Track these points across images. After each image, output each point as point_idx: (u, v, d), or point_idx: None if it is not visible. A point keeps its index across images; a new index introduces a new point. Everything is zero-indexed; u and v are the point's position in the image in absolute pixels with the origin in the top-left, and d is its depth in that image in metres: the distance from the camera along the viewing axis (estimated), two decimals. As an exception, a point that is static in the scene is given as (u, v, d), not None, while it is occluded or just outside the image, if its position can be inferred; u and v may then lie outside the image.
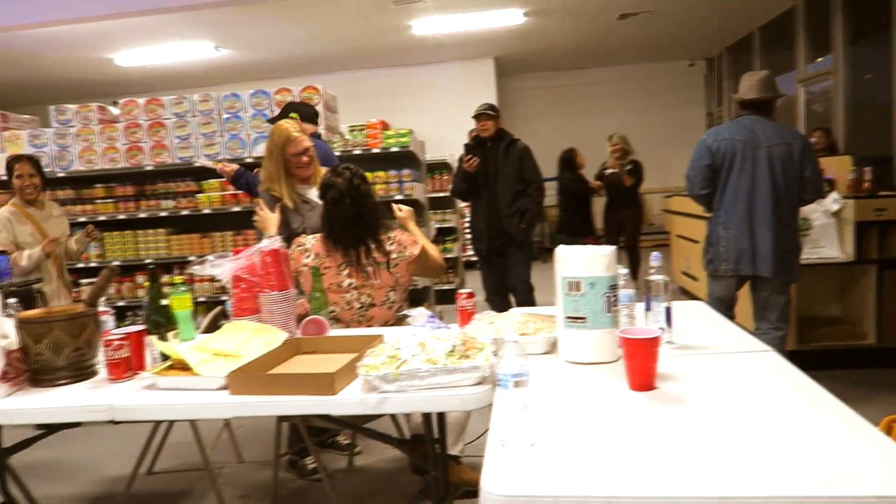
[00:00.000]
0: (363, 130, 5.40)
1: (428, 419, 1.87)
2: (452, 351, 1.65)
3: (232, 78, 9.39)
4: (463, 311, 2.21)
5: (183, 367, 1.84)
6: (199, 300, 5.25)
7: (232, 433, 3.37)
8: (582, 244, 1.79)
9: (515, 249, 4.56)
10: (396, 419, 2.97)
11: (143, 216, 5.41)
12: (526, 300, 4.49)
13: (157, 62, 8.24)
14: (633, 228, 6.68)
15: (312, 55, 8.73)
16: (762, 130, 3.21)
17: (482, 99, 5.00)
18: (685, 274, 5.97)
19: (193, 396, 1.75)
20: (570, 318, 1.70)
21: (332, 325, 2.45)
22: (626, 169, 6.38)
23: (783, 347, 3.29)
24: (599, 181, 6.65)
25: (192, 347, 1.93)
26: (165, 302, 2.15)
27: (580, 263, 1.69)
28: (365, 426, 2.14)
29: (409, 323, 2.16)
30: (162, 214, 5.38)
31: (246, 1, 6.06)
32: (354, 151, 5.30)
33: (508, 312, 2.12)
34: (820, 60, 7.59)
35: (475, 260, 4.97)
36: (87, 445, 3.66)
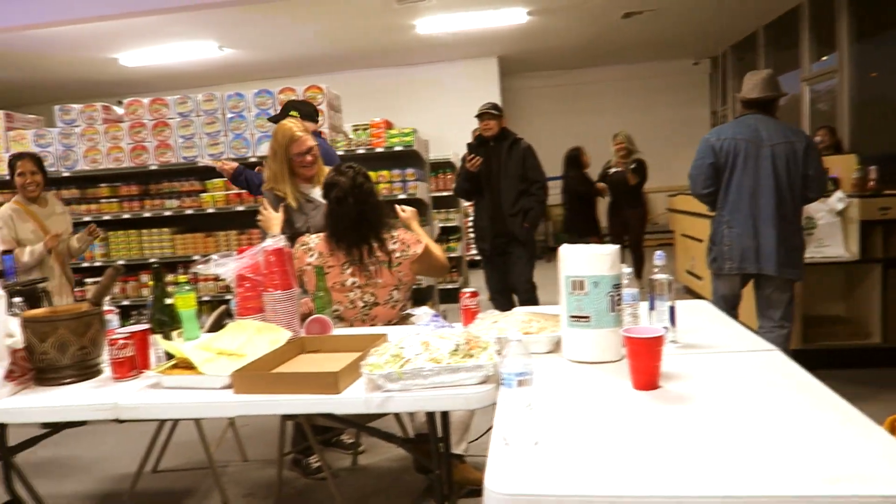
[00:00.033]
0: (367, 130, 5.40)
1: (432, 418, 1.87)
2: (456, 350, 1.65)
3: (236, 78, 9.41)
4: (467, 310, 2.21)
5: (187, 365, 1.84)
6: (203, 299, 5.27)
7: (236, 432, 3.37)
8: (587, 243, 1.79)
9: (518, 248, 4.55)
10: (400, 418, 2.98)
11: (147, 215, 5.43)
12: (528, 299, 4.48)
13: (161, 62, 8.26)
14: (637, 227, 6.66)
15: (316, 55, 8.74)
16: (765, 129, 3.21)
17: (486, 98, 4.99)
18: (689, 273, 5.96)
19: (198, 395, 1.76)
20: (573, 317, 1.70)
21: (335, 323, 2.45)
22: (630, 168, 6.37)
23: (787, 346, 3.29)
24: (603, 182, 6.64)
25: (196, 346, 1.94)
26: (170, 301, 2.15)
27: (584, 262, 1.68)
28: (369, 425, 2.14)
29: (412, 322, 2.16)
30: (166, 214, 5.40)
31: (250, 0, 6.06)
32: (358, 151, 5.30)
33: (512, 311, 2.12)
34: (825, 59, 7.57)
35: (479, 259, 4.97)
36: (91, 444, 3.67)
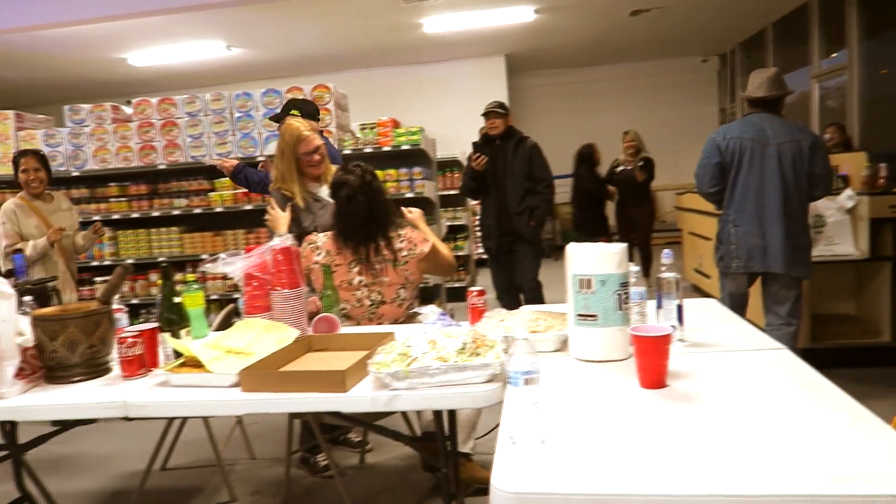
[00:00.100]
0: (374, 128, 5.40)
1: (439, 416, 1.87)
2: (463, 348, 1.65)
3: (244, 77, 9.43)
4: (474, 308, 2.21)
5: (195, 364, 1.85)
6: (211, 298, 5.30)
7: (244, 430, 3.39)
8: (596, 242, 1.79)
9: (524, 246, 4.54)
10: (408, 416, 2.98)
11: (156, 215, 5.45)
12: (534, 298, 4.46)
13: (169, 62, 8.29)
14: (645, 226, 6.65)
15: (323, 54, 8.75)
16: (771, 128, 3.21)
17: (493, 96, 4.98)
18: (697, 271, 5.94)
19: (206, 393, 1.77)
20: (580, 315, 1.70)
21: (342, 322, 2.46)
22: (638, 165, 6.35)
23: (795, 343, 3.28)
24: (611, 179, 6.62)
25: (204, 345, 1.95)
26: (178, 300, 2.16)
27: (591, 260, 1.68)
28: (376, 423, 2.14)
29: (420, 321, 2.17)
30: (175, 213, 5.42)
31: (257, 0, 6.08)
32: (365, 149, 5.30)
33: (519, 310, 2.12)
34: (834, 56, 7.51)
35: (486, 258, 4.97)
36: (101, 442, 3.69)
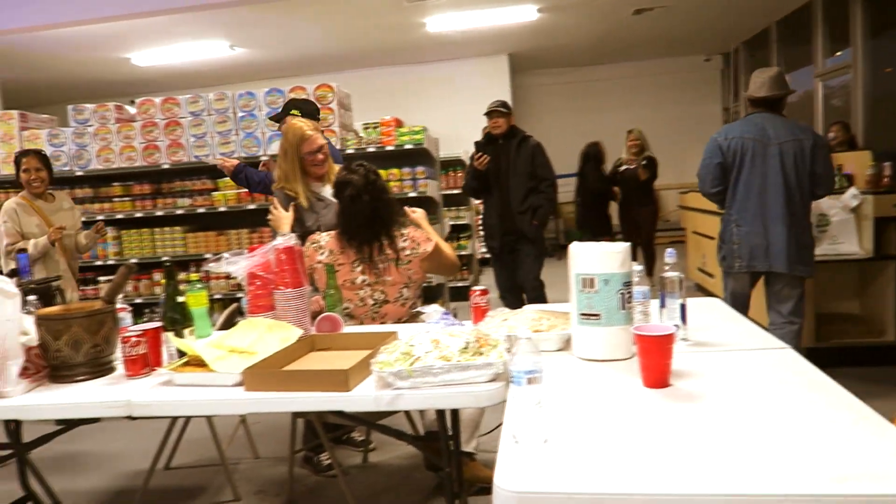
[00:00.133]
0: (377, 128, 5.40)
1: (442, 416, 1.87)
2: (466, 348, 1.65)
3: (247, 76, 9.44)
4: (477, 308, 2.21)
5: (199, 363, 1.85)
6: (214, 297, 5.30)
7: (247, 429, 3.39)
8: (601, 241, 1.79)
9: (527, 245, 4.54)
10: (411, 416, 2.98)
11: (159, 214, 5.46)
12: (536, 297, 4.44)
13: (173, 61, 8.31)
14: (648, 225, 6.63)
15: (327, 53, 8.75)
16: (772, 128, 3.22)
17: (496, 96, 4.98)
18: (701, 270, 5.93)
19: (209, 393, 1.77)
20: (584, 314, 1.70)
21: (346, 321, 2.46)
22: (641, 164, 6.34)
23: (798, 342, 3.28)
24: (614, 178, 6.60)
25: (208, 344, 1.95)
26: (182, 299, 2.16)
27: (594, 260, 1.68)
28: (379, 423, 2.15)
29: (423, 320, 2.16)
30: (178, 212, 5.43)
31: (260, 0, 6.09)
32: (369, 149, 5.30)
33: (522, 309, 2.11)
34: (839, 54, 7.49)
35: (489, 257, 4.96)
36: (105, 441, 3.70)
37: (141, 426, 3.56)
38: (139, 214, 5.49)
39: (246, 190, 5.12)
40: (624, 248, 1.68)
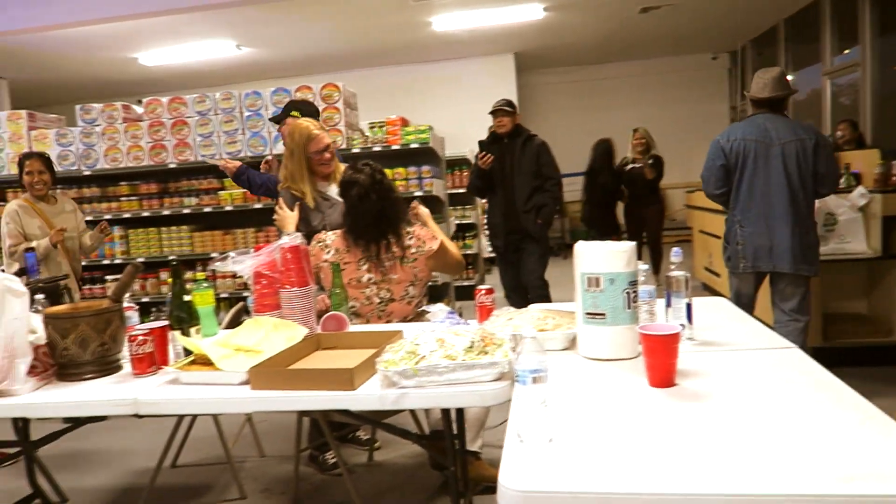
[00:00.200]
0: (383, 127, 5.40)
1: (447, 415, 1.88)
2: (471, 347, 1.65)
3: (253, 76, 9.46)
4: (482, 307, 2.21)
5: (205, 362, 1.86)
6: (221, 296, 5.32)
7: (253, 428, 3.40)
8: (608, 240, 1.78)
9: (531, 244, 4.53)
10: (416, 414, 2.99)
11: (166, 213, 5.48)
12: (539, 296, 4.41)
13: (180, 61, 8.33)
14: (655, 223, 6.61)
15: (333, 53, 8.76)
16: (774, 129, 3.24)
17: (502, 94, 4.97)
18: (708, 270, 5.91)
19: (216, 391, 1.77)
20: (589, 313, 1.70)
21: (351, 319, 2.46)
22: (647, 163, 6.32)
23: (804, 340, 3.29)
24: (620, 177, 6.58)
25: (214, 343, 1.96)
26: (188, 298, 2.17)
27: (599, 259, 1.68)
28: (384, 421, 2.15)
29: (428, 319, 2.16)
30: (185, 211, 5.45)
31: (267, -1, 6.11)
32: (374, 148, 5.31)
33: (527, 308, 2.11)
34: (847, 52, 7.45)
35: (494, 256, 4.96)
36: (112, 439, 3.72)
37: (148, 424, 3.58)
38: (146, 214, 5.51)
39: (249, 190, 5.14)
40: (629, 247, 1.67)
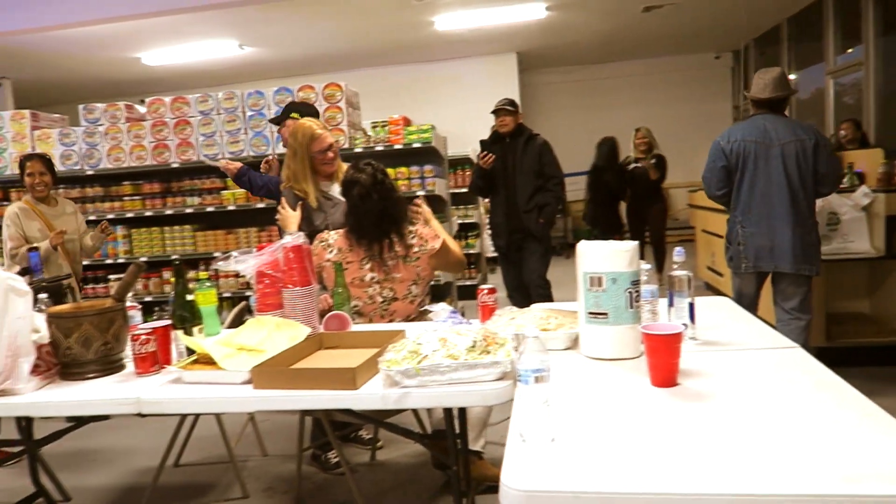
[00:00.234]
0: (385, 126, 5.40)
1: (449, 414, 1.88)
2: (473, 346, 1.65)
3: (256, 76, 9.47)
4: (484, 306, 2.21)
5: (208, 361, 1.86)
6: (223, 296, 5.32)
7: (256, 427, 3.41)
8: (612, 239, 1.78)
9: (533, 243, 4.52)
10: (418, 414, 2.99)
11: (169, 213, 5.49)
12: (541, 295, 4.40)
13: (183, 61, 8.34)
14: (658, 223, 6.60)
15: (335, 52, 8.77)
16: (774, 129, 3.26)
17: (504, 94, 4.97)
18: (710, 269, 5.90)
19: (218, 390, 1.78)
20: (591, 313, 1.70)
21: (354, 318, 2.47)
22: (651, 162, 6.31)
23: (806, 338, 3.30)
24: (623, 177, 6.56)
25: (216, 342, 1.96)
26: (191, 297, 2.18)
27: (602, 258, 1.68)
28: (387, 421, 2.15)
29: (430, 318, 2.17)
30: (188, 211, 5.45)
31: (269, -1, 6.12)
32: (377, 147, 5.31)
33: (530, 308, 2.11)
34: (850, 51, 7.43)
35: (496, 256, 4.95)
36: (115, 438, 3.73)
37: (150, 423, 3.59)
38: (149, 213, 5.52)
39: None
40: (632, 246, 1.67)
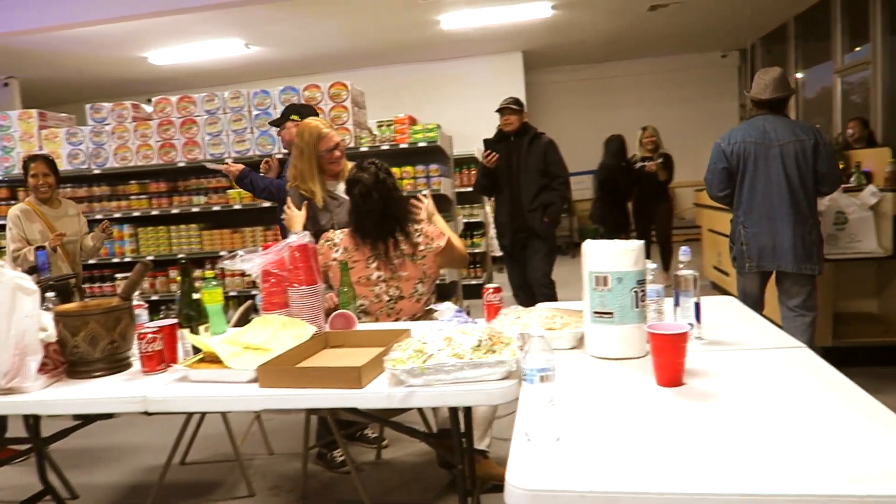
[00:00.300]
0: (391, 126, 5.41)
1: (454, 413, 1.88)
2: (479, 345, 1.65)
3: (262, 75, 9.49)
4: (490, 305, 2.21)
5: (214, 360, 1.87)
6: (229, 294, 5.34)
7: (262, 425, 3.42)
8: (618, 238, 1.78)
9: (537, 242, 4.50)
10: (423, 413, 2.99)
11: (175, 212, 5.51)
12: (545, 294, 4.37)
13: (189, 60, 8.37)
14: (664, 222, 6.58)
15: (341, 51, 8.78)
16: (774, 130, 3.28)
17: (510, 93, 4.96)
18: (716, 269, 5.88)
19: (224, 389, 1.78)
20: (596, 313, 1.69)
21: (361, 317, 2.47)
22: (658, 162, 6.29)
23: (811, 335, 3.32)
24: (629, 176, 6.54)
25: (222, 341, 1.96)
26: (197, 296, 2.18)
27: (607, 258, 1.67)
28: (392, 420, 2.15)
29: (436, 317, 2.17)
30: (194, 210, 5.47)
31: (275, -2, 6.13)
32: (382, 147, 5.31)
33: (535, 307, 2.11)
34: (858, 50, 7.39)
35: (501, 255, 4.94)
36: (121, 436, 3.75)
37: (157, 422, 3.60)
38: (155, 212, 5.54)
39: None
40: (637, 245, 1.67)
